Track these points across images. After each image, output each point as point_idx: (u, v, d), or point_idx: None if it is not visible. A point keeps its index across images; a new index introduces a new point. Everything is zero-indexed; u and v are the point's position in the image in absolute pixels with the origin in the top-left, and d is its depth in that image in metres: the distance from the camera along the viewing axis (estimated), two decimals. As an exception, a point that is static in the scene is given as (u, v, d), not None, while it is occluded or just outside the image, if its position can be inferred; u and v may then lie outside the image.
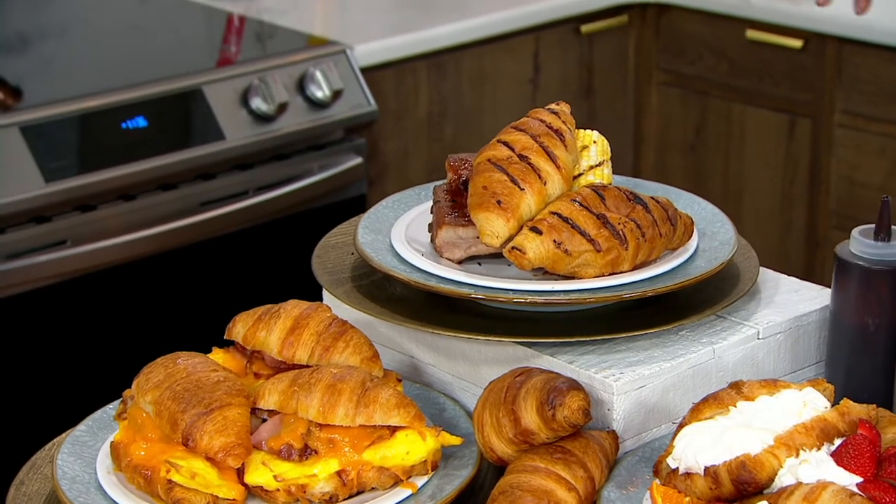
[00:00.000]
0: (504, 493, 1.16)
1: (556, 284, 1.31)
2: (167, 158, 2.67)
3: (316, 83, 2.84)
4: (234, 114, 2.78)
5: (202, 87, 2.75)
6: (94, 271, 2.64)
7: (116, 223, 2.66)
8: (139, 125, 2.68)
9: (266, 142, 2.81)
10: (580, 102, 3.58)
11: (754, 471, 1.12)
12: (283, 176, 2.87)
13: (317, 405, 1.18)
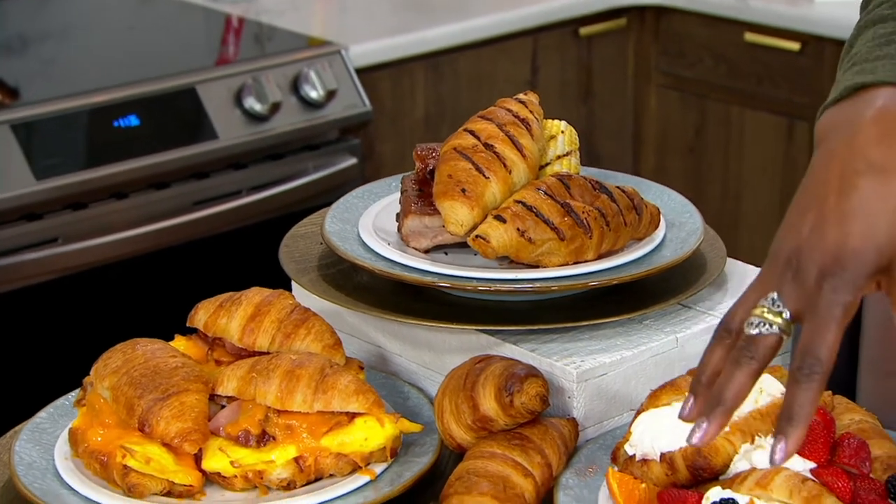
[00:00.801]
0: (460, 479, 1.16)
1: (521, 273, 1.31)
2: (160, 157, 2.68)
3: (310, 83, 2.84)
4: (228, 113, 2.79)
5: (195, 86, 2.76)
6: (86, 269, 2.65)
7: (108, 221, 2.67)
8: (131, 124, 2.69)
9: (259, 141, 2.82)
10: (579, 105, 3.58)
11: (709, 457, 1.12)
12: (278, 176, 2.88)
13: (275, 391, 1.18)
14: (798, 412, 0.94)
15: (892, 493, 1.08)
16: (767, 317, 0.96)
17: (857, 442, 1.10)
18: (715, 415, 0.96)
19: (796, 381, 0.95)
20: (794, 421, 0.94)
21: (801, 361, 0.95)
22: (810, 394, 0.94)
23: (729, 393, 0.97)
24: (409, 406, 1.31)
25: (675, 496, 1.11)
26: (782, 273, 0.97)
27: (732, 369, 0.97)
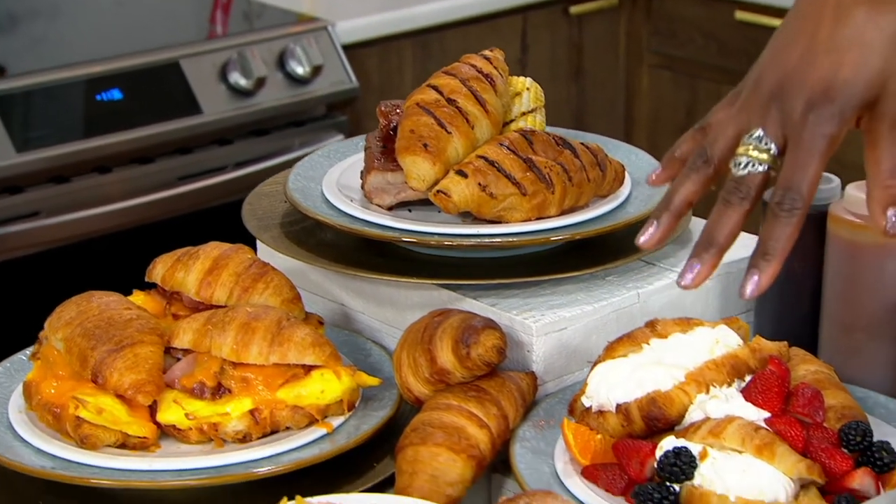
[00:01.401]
0: (415, 430, 1.15)
1: (483, 228, 1.30)
2: (143, 131, 2.67)
3: (296, 59, 2.83)
4: (212, 88, 2.77)
5: (179, 60, 2.74)
6: (68, 243, 2.65)
7: (91, 195, 2.66)
8: (114, 97, 2.68)
9: (244, 117, 2.81)
10: (570, 84, 3.57)
11: (664, 407, 1.11)
12: (263, 152, 2.86)
13: (230, 343, 1.17)
14: (774, 247, 0.93)
15: (844, 441, 1.08)
16: (754, 154, 0.95)
17: (811, 392, 1.10)
18: (707, 256, 0.95)
19: (775, 216, 0.93)
20: (770, 255, 0.93)
21: (782, 196, 0.93)
22: (789, 229, 0.93)
23: (721, 234, 0.95)
24: (370, 362, 1.30)
25: (629, 446, 1.10)
26: (766, 105, 0.95)
27: (724, 210, 0.95)
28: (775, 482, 1.04)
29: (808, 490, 1.05)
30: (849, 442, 1.08)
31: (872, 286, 1.22)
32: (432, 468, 1.12)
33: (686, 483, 1.06)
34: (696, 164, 0.99)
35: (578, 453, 1.13)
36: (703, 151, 0.98)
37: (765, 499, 1.04)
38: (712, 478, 1.05)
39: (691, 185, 0.99)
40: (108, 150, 2.63)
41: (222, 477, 1.13)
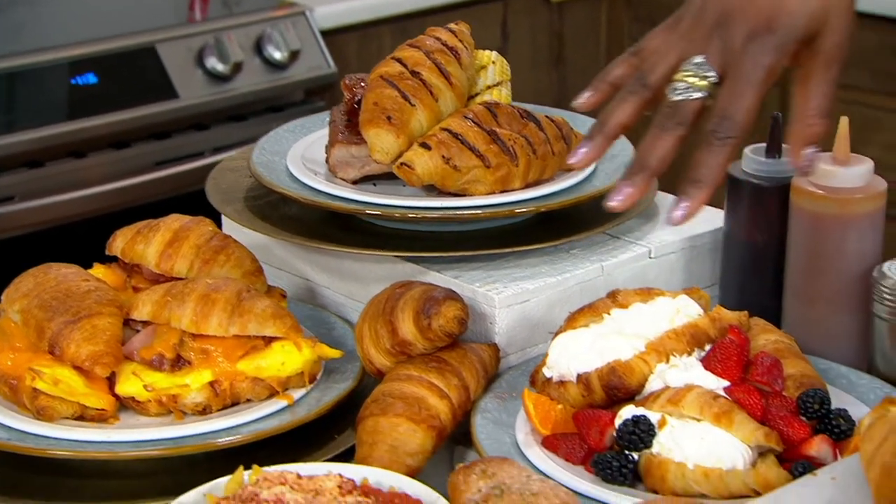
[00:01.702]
0: (376, 401, 1.15)
1: (448, 201, 1.29)
2: (119, 116, 2.65)
3: (273, 44, 2.82)
4: (189, 73, 2.76)
5: (155, 45, 2.73)
6: (43, 228, 2.63)
7: (67, 180, 2.65)
8: (89, 81, 2.67)
9: (221, 102, 2.79)
10: (550, 72, 3.56)
11: (624, 376, 1.11)
12: (241, 137, 2.85)
13: (190, 315, 1.17)
14: (706, 174, 0.93)
15: (802, 409, 1.07)
16: (692, 81, 0.95)
17: (770, 360, 1.09)
18: (638, 179, 0.95)
19: (709, 144, 0.94)
20: (701, 182, 0.94)
21: (717, 125, 0.94)
22: (721, 157, 0.93)
23: (653, 158, 0.95)
24: (334, 336, 1.29)
25: (589, 416, 1.10)
26: (709, 34, 0.95)
27: (658, 134, 0.96)
28: (733, 450, 1.04)
29: (765, 457, 1.05)
30: (807, 410, 1.08)
31: (835, 258, 1.22)
32: (392, 438, 1.12)
33: (645, 451, 1.06)
34: (633, 88, 0.99)
35: (539, 423, 1.13)
36: (641, 75, 0.98)
37: (723, 466, 1.03)
38: (671, 446, 1.05)
39: (628, 108, 0.99)
40: (84, 135, 2.61)
41: (181, 448, 1.12)
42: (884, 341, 1.19)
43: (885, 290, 1.17)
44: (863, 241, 1.21)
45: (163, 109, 2.71)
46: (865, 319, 1.21)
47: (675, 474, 1.04)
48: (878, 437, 0.93)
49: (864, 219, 1.21)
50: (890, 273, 1.18)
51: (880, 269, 1.19)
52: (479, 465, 0.99)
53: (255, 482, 0.98)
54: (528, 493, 0.94)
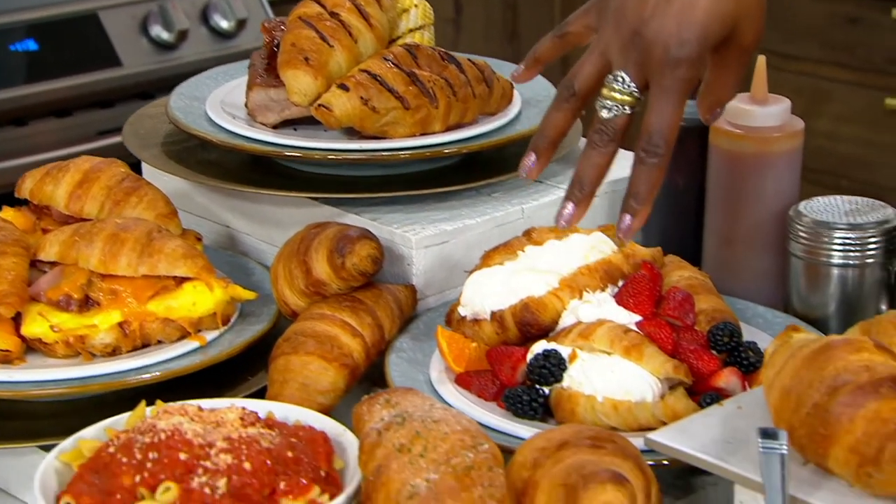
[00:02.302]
0: (287, 340, 1.13)
1: (369, 143, 1.28)
2: (60, 83, 2.62)
3: (220, 12, 2.78)
4: (133, 41, 2.72)
5: (97, 11, 2.69)
6: (-18, 196, 2.61)
7: (7, 148, 2.60)
8: (29, 48, 2.63)
9: (166, 70, 2.75)
10: (504, 45, 3.54)
11: (537, 312, 1.10)
12: (188, 107, 2.83)
13: (98, 254, 1.14)
14: (644, 190, 0.98)
15: (712, 342, 1.07)
16: (617, 98, 0.98)
17: (681, 295, 1.09)
18: (579, 196, 1.00)
19: (641, 161, 0.98)
20: (640, 199, 0.98)
21: (646, 142, 0.97)
22: (654, 172, 0.98)
23: (589, 176, 1.00)
24: (252, 281, 1.27)
25: (501, 352, 1.09)
26: (626, 47, 0.98)
27: (591, 153, 1.00)
28: (642, 382, 1.03)
29: (675, 390, 1.04)
30: (716, 343, 1.07)
31: (752, 197, 1.21)
32: (303, 377, 1.10)
33: (555, 385, 1.05)
34: (563, 96, 1.03)
35: (452, 361, 1.11)
36: (569, 84, 1.02)
37: (632, 399, 1.03)
38: (581, 379, 1.04)
39: (562, 117, 1.03)
40: (24, 102, 2.57)
41: (89, 386, 1.10)
42: (799, 280, 1.19)
43: (800, 228, 1.17)
44: (780, 180, 1.21)
45: (106, 77, 2.68)
46: (783, 259, 1.20)
47: (585, 407, 1.03)
48: (779, 362, 0.92)
49: (781, 158, 1.20)
50: (806, 212, 1.18)
51: (796, 208, 1.19)
52: (384, 395, 0.98)
53: (156, 415, 0.96)
54: (429, 420, 0.93)
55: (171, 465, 0.90)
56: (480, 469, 0.89)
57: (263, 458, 0.91)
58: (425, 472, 0.89)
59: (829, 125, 3.06)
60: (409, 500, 0.89)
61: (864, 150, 3.00)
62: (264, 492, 0.91)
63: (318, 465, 0.94)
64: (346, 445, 0.98)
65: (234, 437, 0.93)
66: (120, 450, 0.92)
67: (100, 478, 0.92)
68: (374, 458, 0.92)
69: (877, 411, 0.86)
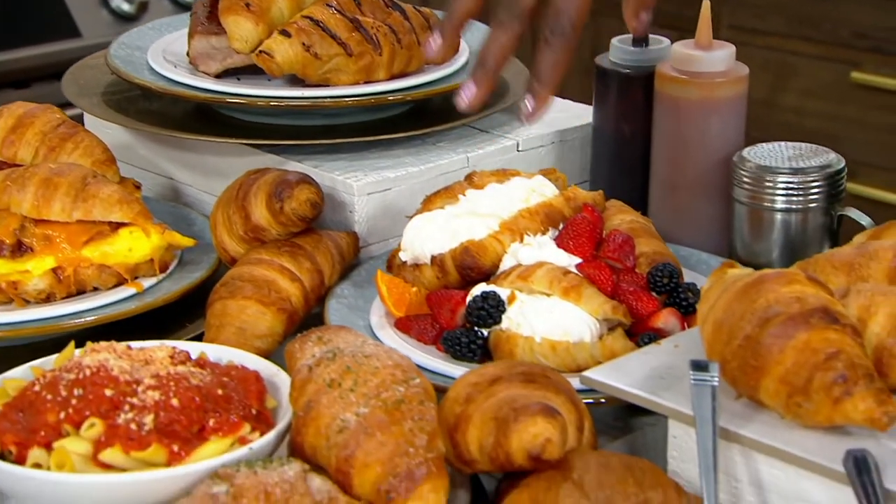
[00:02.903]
0: (224, 285, 1.11)
1: (313, 91, 1.26)
2: (16, 54, 2.60)
3: (181, -18, 2.77)
4: (93, 12, 2.69)
5: (56, -19, 2.68)
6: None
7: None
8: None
9: (127, 41, 2.74)
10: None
11: (477, 255, 1.08)
12: (147, 79, 2.80)
13: (31, 199, 1.12)
14: (547, 72, 0.95)
15: (652, 283, 1.06)
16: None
17: (622, 238, 1.08)
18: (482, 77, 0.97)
19: (546, 43, 0.95)
20: (543, 81, 0.96)
21: (553, 23, 0.95)
22: (558, 55, 0.95)
23: (492, 56, 0.97)
24: (194, 231, 1.25)
25: (441, 296, 1.07)
26: None
27: (496, 32, 0.97)
28: (581, 323, 1.02)
29: (614, 331, 1.03)
30: (656, 284, 1.06)
31: (697, 143, 1.20)
32: (240, 321, 1.09)
33: (494, 327, 1.04)
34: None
35: (392, 305, 1.10)
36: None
37: (570, 339, 1.02)
38: (519, 321, 1.03)
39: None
40: (-20, 71, 2.55)
41: (21, 331, 1.08)
42: (743, 226, 1.18)
43: (744, 174, 1.16)
44: (725, 126, 1.20)
45: (65, 48, 2.65)
46: (726, 206, 1.20)
47: (524, 348, 1.02)
48: (713, 297, 0.91)
49: (726, 103, 1.19)
50: (749, 157, 1.17)
51: (740, 154, 1.18)
52: (316, 332, 0.96)
53: (83, 354, 0.95)
54: (360, 355, 0.91)
55: (96, 402, 0.88)
56: (411, 403, 0.88)
57: (192, 395, 0.90)
58: (355, 406, 0.88)
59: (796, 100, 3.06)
60: (338, 434, 0.87)
61: (831, 124, 2.99)
62: (193, 429, 0.89)
63: (249, 403, 0.93)
64: (279, 385, 0.97)
65: (162, 374, 0.91)
66: (45, 387, 0.91)
67: (24, 416, 0.90)
68: (305, 393, 0.90)
69: (807, 341, 0.85)
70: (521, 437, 0.85)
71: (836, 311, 0.87)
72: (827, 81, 3.01)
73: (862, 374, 0.84)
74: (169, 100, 1.32)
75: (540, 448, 0.84)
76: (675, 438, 0.91)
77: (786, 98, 3.04)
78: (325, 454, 0.88)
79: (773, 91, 3.16)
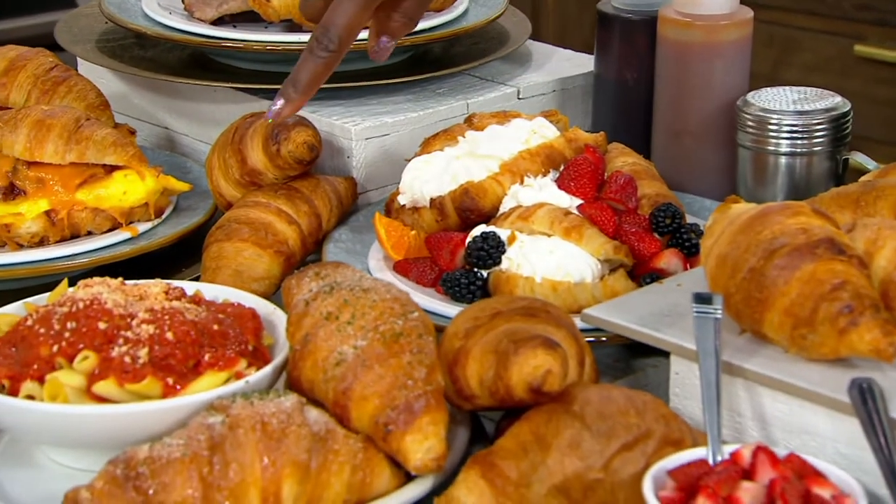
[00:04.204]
0: (221, 228, 1.10)
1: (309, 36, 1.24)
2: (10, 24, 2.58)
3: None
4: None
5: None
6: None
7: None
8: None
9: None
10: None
11: (477, 197, 1.07)
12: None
13: (23, 141, 1.11)
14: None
15: (654, 224, 1.04)
16: None
17: (624, 179, 1.06)
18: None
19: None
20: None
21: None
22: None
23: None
24: (189, 178, 1.24)
25: (440, 238, 1.06)
26: None
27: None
28: (582, 263, 1.01)
29: (616, 271, 1.01)
30: (658, 225, 1.05)
31: (701, 88, 1.19)
32: (237, 263, 1.07)
33: (494, 268, 1.03)
34: (322, 46, 0.98)
35: (391, 248, 1.09)
36: (326, 34, 0.98)
37: (571, 279, 1.00)
38: (520, 261, 1.02)
39: (320, 66, 0.99)
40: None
41: (14, 271, 1.07)
42: (747, 171, 1.16)
43: (748, 118, 1.14)
44: (729, 70, 1.18)
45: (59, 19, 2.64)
46: (731, 152, 1.18)
47: (524, 289, 1.00)
48: (717, 231, 0.90)
49: (730, 47, 1.18)
50: (754, 101, 1.15)
51: (744, 98, 1.16)
52: (313, 268, 0.95)
53: (77, 289, 0.93)
54: (358, 289, 0.90)
55: (89, 335, 0.87)
56: (410, 336, 0.86)
57: (187, 329, 0.88)
58: (353, 339, 0.86)
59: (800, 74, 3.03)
60: (336, 367, 0.86)
61: (834, 99, 2.98)
62: (188, 363, 0.88)
63: (245, 339, 0.91)
64: (276, 323, 0.95)
65: (156, 308, 0.89)
66: (38, 321, 0.89)
67: (17, 350, 0.89)
68: (302, 327, 0.89)
69: (812, 272, 0.84)
70: (522, 370, 0.83)
71: (842, 243, 0.85)
72: (830, 55, 2.99)
73: (868, 304, 0.82)
74: (163, 48, 1.30)
75: (541, 380, 0.83)
76: (678, 375, 0.90)
77: (789, 73, 3.01)
78: (323, 388, 0.86)
79: (777, 66, 3.14)
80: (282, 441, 0.81)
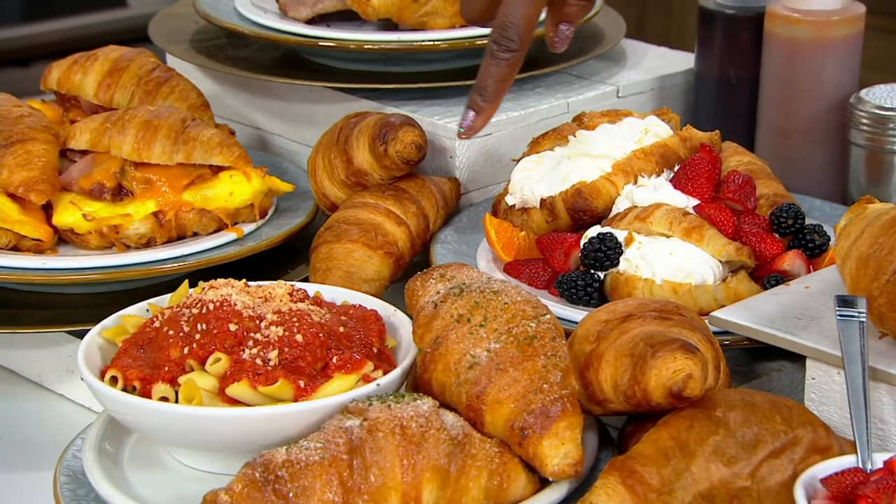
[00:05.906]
0: (329, 229, 1.09)
1: (408, 34, 1.23)
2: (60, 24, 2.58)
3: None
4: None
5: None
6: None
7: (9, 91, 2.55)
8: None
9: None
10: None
11: (590, 198, 1.05)
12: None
13: (131, 142, 1.10)
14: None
15: (776, 225, 1.02)
16: None
17: (742, 179, 1.04)
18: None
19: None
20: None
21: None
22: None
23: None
24: (286, 178, 1.22)
25: (553, 239, 1.04)
26: None
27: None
28: (703, 265, 0.99)
29: (738, 273, 1.00)
30: (780, 225, 1.03)
31: (810, 87, 1.17)
32: (347, 264, 1.06)
33: (611, 270, 1.01)
34: (503, 48, 0.94)
35: (501, 249, 1.07)
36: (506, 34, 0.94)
37: (692, 281, 0.99)
38: (638, 263, 1.00)
39: (505, 69, 0.95)
40: (25, 42, 2.53)
41: (124, 273, 1.06)
42: (860, 170, 1.14)
43: (862, 115, 1.13)
44: (840, 67, 1.16)
45: (110, 18, 2.64)
46: (841, 151, 1.16)
47: (643, 291, 0.99)
48: (855, 232, 0.88)
49: (840, 43, 1.16)
50: (868, 98, 1.13)
51: (857, 95, 1.14)
52: (437, 270, 0.93)
53: (201, 291, 0.92)
54: (488, 291, 0.88)
55: (220, 337, 0.86)
56: (543, 339, 0.85)
57: (316, 331, 0.87)
58: (486, 342, 0.85)
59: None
60: (469, 370, 0.85)
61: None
62: (317, 365, 0.87)
63: (370, 341, 0.90)
64: (397, 325, 0.94)
65: (284, 310, 0.88)
66: (166, 323, 0.88)
67: (146, 352, 0.88)
68: (431, 330, 0.88)
69: (963, 274, 0.82)
70: (661, 374, 0.82)
71: None
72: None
73: None
74: (255, 47, 1.29)
75: (681, 384, 0.81)
76: (814, 380, 0.88)
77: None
78: (455, 391, 0.85)
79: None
80: (421, 445, 0.80)
